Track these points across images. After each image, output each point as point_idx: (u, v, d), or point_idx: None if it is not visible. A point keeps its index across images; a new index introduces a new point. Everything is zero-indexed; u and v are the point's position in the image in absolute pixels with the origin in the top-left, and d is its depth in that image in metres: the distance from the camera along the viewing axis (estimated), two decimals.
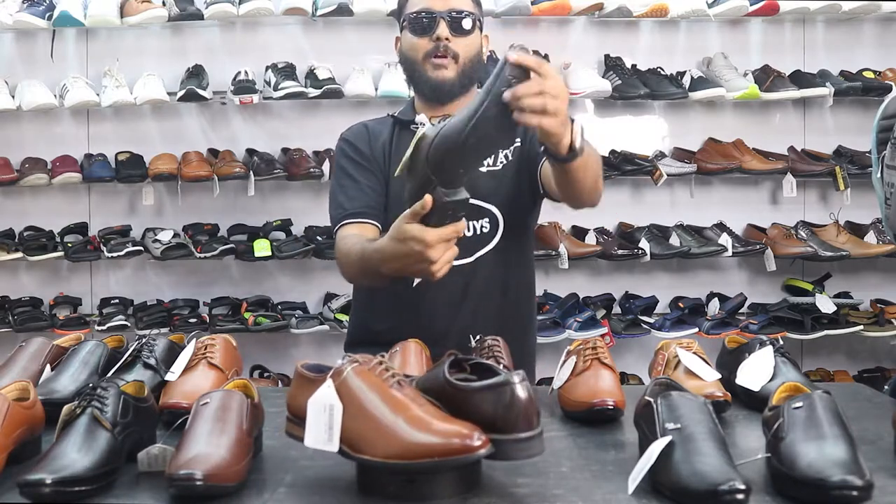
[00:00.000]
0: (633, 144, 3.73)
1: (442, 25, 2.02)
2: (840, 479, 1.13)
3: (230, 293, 3.66)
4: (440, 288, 2.00)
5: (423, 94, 2.11)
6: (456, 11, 2.03)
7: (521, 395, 1.17)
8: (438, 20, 2.02)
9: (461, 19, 2.03)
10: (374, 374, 1.24)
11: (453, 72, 2.05)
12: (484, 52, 2.13)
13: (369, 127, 2.19)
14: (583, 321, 3.47)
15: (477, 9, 2.11)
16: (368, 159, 2.12)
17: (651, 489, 1.22)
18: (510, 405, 1.17)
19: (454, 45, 2.03)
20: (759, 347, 1.69)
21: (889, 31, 3.83)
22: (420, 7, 2.05)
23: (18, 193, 3.63)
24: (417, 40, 2.05)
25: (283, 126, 3.71)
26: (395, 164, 2.01)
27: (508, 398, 1.17)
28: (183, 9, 3.45)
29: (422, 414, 1.18)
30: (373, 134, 2.16)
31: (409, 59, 2.09)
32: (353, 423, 1.20)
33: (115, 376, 1.59)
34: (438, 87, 2.05)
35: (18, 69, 3.61)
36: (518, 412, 1.17)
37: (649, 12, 3.54)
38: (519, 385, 1.18)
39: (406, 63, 2.11)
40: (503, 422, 1.17)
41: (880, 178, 1.87)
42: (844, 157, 3.69)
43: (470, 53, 2.07)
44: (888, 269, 3.78)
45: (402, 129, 2.14)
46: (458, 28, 2.03)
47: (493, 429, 1.17)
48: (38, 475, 1.17)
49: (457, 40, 2.03)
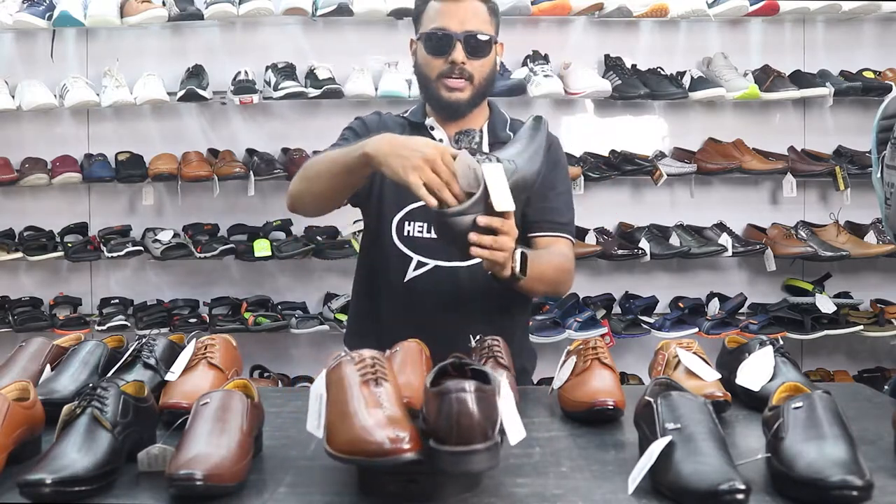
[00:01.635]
0: (634, 144, 3.73)
1: (458, 48, 1.99)
2: (840, 479, 1.13)
3: (230, 293, 3.66)
4: (442, 289, 2.02)
5: (435, 110, 2.11)
6: (472, 32, 2.00)
7: (458, 408, 1.11)
8: (455, 42, 1.99)
9: (477, 41, 2.00)
10: (355, 370, 1.26)
11: (468, 93, 2.03)
12: (498, 62, 2.11)
13: (383, 116, 2.19)
14: (583, 321, 3.47)
15: (494, 23, 2.07)
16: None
17: (651, 489, 1.22)
18: (447, 416, 1.11)
19: (469, 67, 2.01)
20: (759, 347, 1.69)
21: (889, 31, 3.83)
22: (437, 25, 2.01)
23: (18, 193, 3.63)
24: (432, 59, 2.03)
25: (283, 126, 3.71)
26: None
27: (447, 408, 1.11)
28: (183, 9, 3.44)
29: (371, 412, 1.19)
30: (384, 123, 2.14)
31: (423, 74, 2.07)
32: (328, 413, 1.24)
33: (115, 376, 1.60)
34: (451, 107, 2.05)
35: (18, 69, 3.61)
36: (452, 425, 1.11)
37: (649, 12, 3.54)
38: (468, 395, 1.11)
39: (420, 76, 2.10)
40: (442, 432, 1.12)
41: (880, 178, 1.87)
42: (844, 157, 3.69)
43: (485, 73, 2.05)
44: (888, 269, 3.78)
45: (414, 131, 2.10)
46: (474, 50, 2.01)
47: (435, 437, 1.13)
48: (38, 475, 1.17)
49: (472, 62, 2.01)
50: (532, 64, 3.57)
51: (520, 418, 1.23)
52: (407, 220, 2.06)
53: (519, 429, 1.21)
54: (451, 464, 1.12)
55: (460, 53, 1.99)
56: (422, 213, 2.03)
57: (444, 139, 2.08)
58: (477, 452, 1.12)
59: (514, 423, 1.20)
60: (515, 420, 1.21)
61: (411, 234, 2.05)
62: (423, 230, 2.04)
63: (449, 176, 1.63)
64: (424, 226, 2.04)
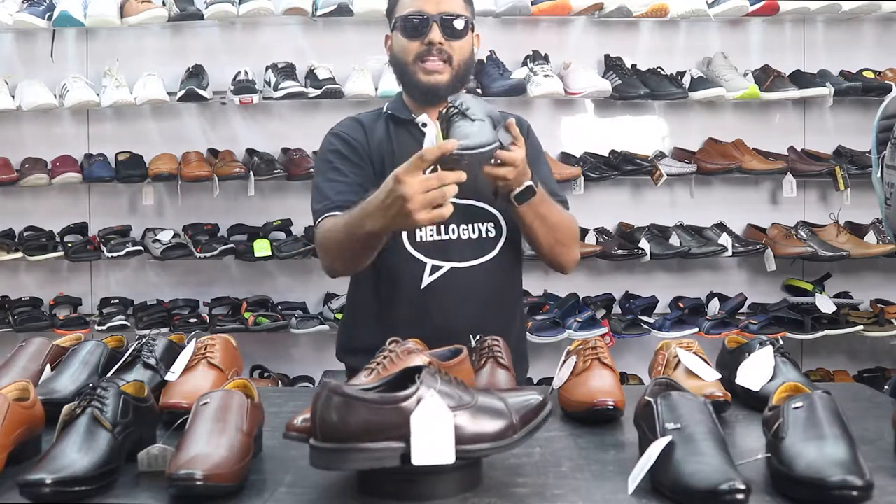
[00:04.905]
0: (634, 144, 3.73)
1: (434, 29, 2.00)
2: (840, 479, 1.13)
3: (230, 293, 3.66)
4: (443, 290, 2.01)
5: (414, 96, 2.09)
6: (448, 14, 2.01)
7: (320, 404, 1.16)
8: (431, 23, 2.00)
9: (453, 22, 2.01)
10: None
11: (447, 75, 2.02)
12: (475, 51, 2.11)
13: (362, 122, 2.15)
14: (583, 321, 3.47)
15: (469, 9, 2.09)
16: (360, 154, 2.07)
17: (651, 489, 1.22)
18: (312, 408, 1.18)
19: (447, 48, 2.01)
20: (759, 347, 1.69)
21: (889, 31, 3.83)
22: (412, 10, 2.02)
23: (18, 193, 3.63)
24: (409, 43, 2.02)
25: (283, 126, 3.71)
26: (397, 163, 2.00)
27: (316, 400, 1.18)
28: (183, 9, 3.45)
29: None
30: (368, 129, 2.12)
31: (399, 60, 2.06)
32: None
33: (115, 376, 1.60)
34: (431, 91, 2.03)
35: (18, 69, 3.61)
36: (314, 417, 1.17)
37: (649, 12, 3.54)
38: (329, 392, 1.16)
39: (397, 65, 2.08)
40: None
41: (880, 178, 1.87)
42: (844, 157, 3.69)
43: (464, 56, 2.05)
44: (888, 269, 3.78)
45: (399, 126, 2.11)
46: (451, 31, 2.01)
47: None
48: (38, 475, 1.17)
49: (450, 43, 2.01)
50: (532, 64, 3.57)
51: (449, 443, 1.17)
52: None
53: (434, 451, 1.17)
54: (311, 458, 1.19)
55: (437, 34, 1.99)
56: None
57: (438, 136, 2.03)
58: (311, 448, 1.18)
59: (426, 443, 1.16)
60: (433, 440, 1.16)
61: (423, 238, 2.02)
62: (435, 233, 2.02)
63: (436, 177, 1.60)
64: (435, 229, 2.02)
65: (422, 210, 1.59)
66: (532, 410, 1.25)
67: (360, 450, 1.15)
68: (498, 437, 1.21)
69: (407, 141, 2.07)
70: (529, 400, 1.27)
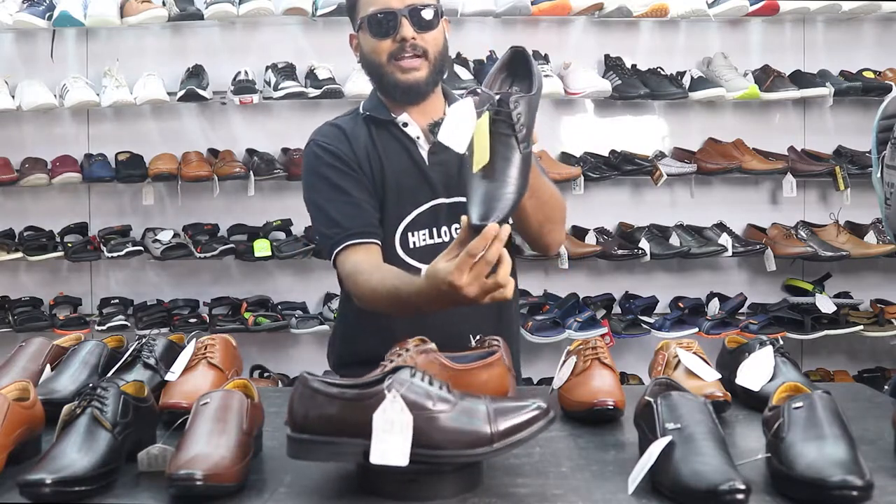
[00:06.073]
0: (634, 144, 3.73)
1: (405, 24, 1.88)
2: (840, 479, 1.13)
3: (230, 293, 3.66)
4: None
5: (394, 96, 1.97)
6: (416, 6, 1.89)
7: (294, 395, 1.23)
8: (399, 18, 1.88)
9: (422, 13, 1.89)
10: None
11: (425, 71, 1.92)
12: (447, 37, 1.98)
13: (343, 128, 2.02)
14: (583, 321, 3.46)
15: None
16: (352, 166, 1.96)
17: (651, 489, 1.22)
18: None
19: (422, 42, 1.90)
20: (759, 347, 1.69)
21: (889, 31, 3.83)
22: (377, 7, 1.90)
23: (18, 193, 3.63)
24: (379, 42, 1.91)
25: (283, 126, 3.70)
26: (385, 169, 1.97)
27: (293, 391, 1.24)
28: (183, 9, 3.45)
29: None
30: (350, 136, 2.00)
31: (372, 61, 1.95)
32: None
33: (115, 376, 1.59)
34: (411, 89, 1.93)
35: (18, 69, 3.61)
36: (290, 408, 1.24)
37: (649, 12, 3.54)
38: (300, 384, 1.23)
39: (369, 66, 1.97)
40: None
41: (880, 178, 1.87)
42: (844, 157, 3.69)
43: (438, 46, 1.93)
44: (888, 269, 3.78)
45: (379, 128, 2.00)
46: (422, 23, 1.89)
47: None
48: (38, 475, 1.17)
49: (423, 36, 1.90)
50: None
51: (405, 445, 1.17)
52: (410, 230, 1.97)
53: (389, 451, 1.16)
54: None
55: (408, 29, 1.88)
56: (424, 221, 1.97)
57: (420, 136, 1.98)
58: (287, 437, 1.24)
59: (383, 443, 1.17)
60: (390, 441, 1.17)
61: (416, 244, 1.97)
62: (427, 237, 1.97)
63: (485, 263, 1.43)
64: (427, 232, 1.97)
65: (484, 297, 1.47)
66: (525, 422, 1.22)
67: (325, 443, 1.20)
68: (470, 444, 1.19)
69: (390, 144, 1.99)
70: (523, 411, 1.23)
